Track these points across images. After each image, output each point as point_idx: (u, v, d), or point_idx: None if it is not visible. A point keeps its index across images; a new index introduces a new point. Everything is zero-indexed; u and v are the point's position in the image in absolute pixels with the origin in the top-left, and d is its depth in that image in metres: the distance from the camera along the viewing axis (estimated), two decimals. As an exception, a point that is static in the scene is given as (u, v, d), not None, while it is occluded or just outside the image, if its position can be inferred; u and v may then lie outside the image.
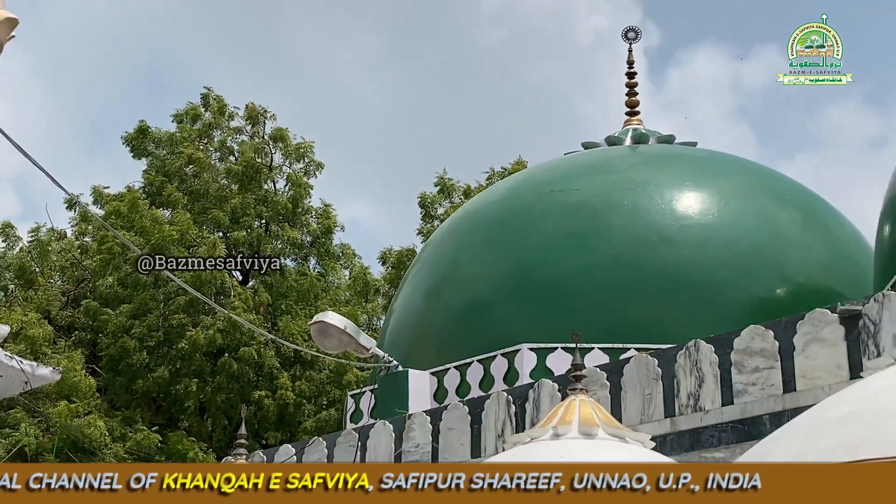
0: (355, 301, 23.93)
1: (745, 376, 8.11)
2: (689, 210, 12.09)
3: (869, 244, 12.06)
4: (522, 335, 11.35)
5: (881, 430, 4.40)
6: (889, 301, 7.51)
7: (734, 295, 11.20)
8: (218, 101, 23.99)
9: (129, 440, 19.54)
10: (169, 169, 23.18)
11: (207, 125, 23.87)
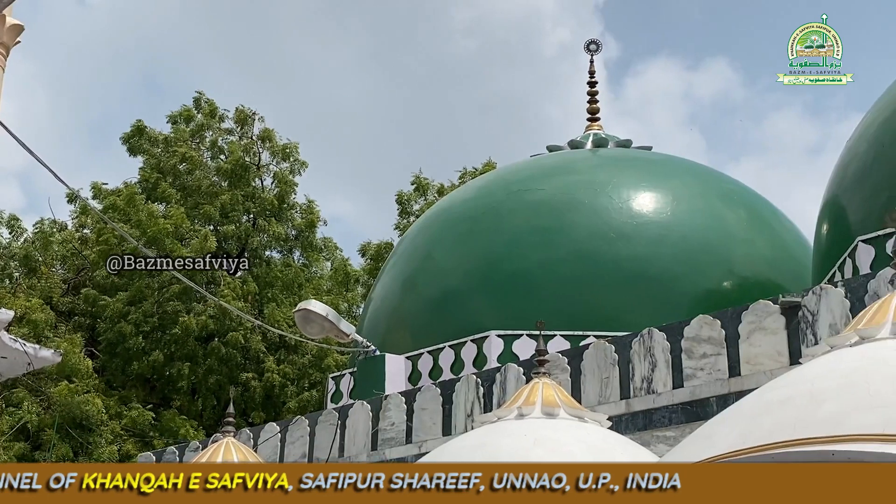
0: (336, 290, 23.95)
1: (695, 362, 8.14)
2: (645, 209, 12.14)
3: (808, 242, 12.15)
4: (491, 323, 11.39)
5: (816, 412, 4.43)
6: (826, 294, 7.57)
7: (685, 287, 11.25)
8: (209, 104, 23.94)
9: (125, 418, 19.53)
10: (163, 166, 23.11)
11: (199, 126, 23.80)
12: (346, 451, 10.55)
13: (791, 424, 4.42)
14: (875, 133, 10.01)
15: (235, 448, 8.86)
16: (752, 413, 4.81)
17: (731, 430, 4.73)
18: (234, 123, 23.90)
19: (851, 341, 5.17)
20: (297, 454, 11.02)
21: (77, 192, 20.99)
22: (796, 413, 4.50)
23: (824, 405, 4.45)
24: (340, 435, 10.65)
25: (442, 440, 9.20)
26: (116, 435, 19.22)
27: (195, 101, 24.06)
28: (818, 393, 4.59)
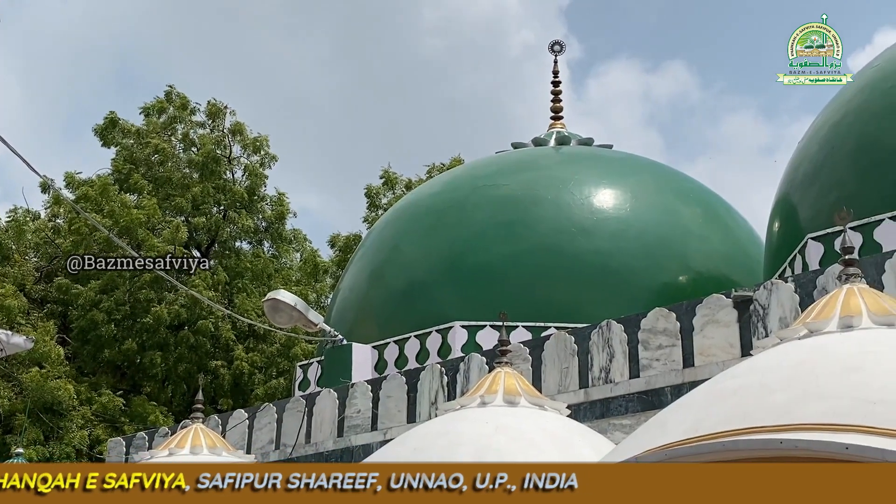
0: (305, 281, 23.88)
1: (650, 353, 8.18)
2: (605, 205, 12.19)
3: (760, 238, 12.25)
4: (455, 314, 11.40)
5: (766, 402, 4.47)
6: (777, 288, 7.64)
7: (642, 281, 11.32)
8: (181, 98, 23.77)
9: (95, 403, 19.40)
10: (136, 158, 22.92)
11: (172, 118, 23.62)
12: (313, 438, 10.54)
13: (741, 414, 4.44)
14: (826, 135, 10.11)
15: (204, 434, 8.83)
16: (704, 402, 4.83)
17: (684, 418, 4.74)
18: (205, 116, 23.76)
19: (800, 334, 5.21)
20: (264, 440, 11.00)
21: (50, 182, 20.77)
22: (746, 403, 4.52)
23: (773, 395, 4.48)
24: (307, 422, 10.64)
25: (406, 427, 9.21)
26: (87, 420, 19.09)
27: (167, 94, 23.87)
28: (767, 384, 4.61)
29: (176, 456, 8.52)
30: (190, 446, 8.64)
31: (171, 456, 8.54)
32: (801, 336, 5.20)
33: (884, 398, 4.19)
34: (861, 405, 4.18)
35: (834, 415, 4.18)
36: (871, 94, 9.74)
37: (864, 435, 4.00)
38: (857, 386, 4.33)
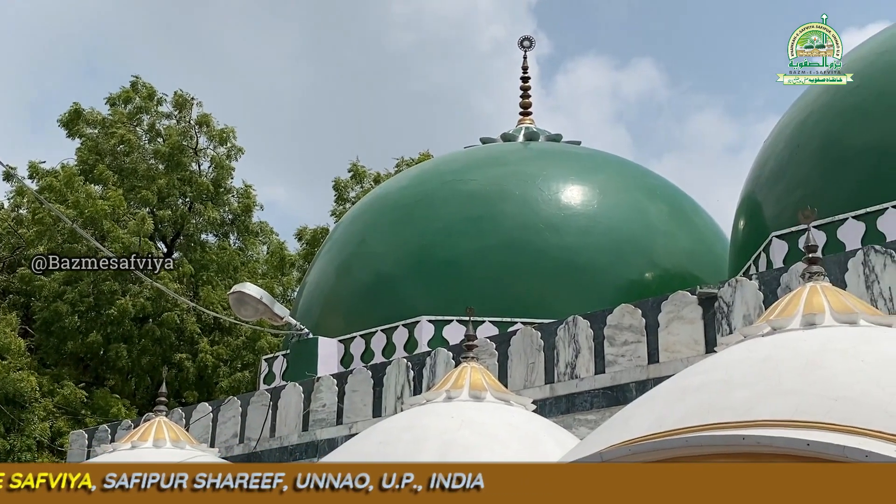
0: (272, 274, 23.79)
1: (616, 349, 8.20)
2: (572, 201, 12.23)
3: (725, 236, 12.34)
4: (422, 308, 11.40)
5: (729, 398, 4.49)
6: (741, 286, 7.69)
7: (608, 277, 11.37)
8: (147, 88, 23.60)
9: (58, 395, 19.22)
10: (101, 148, 22.72)
11: (137, 109, 23.43)
12: (278, 432, 10.50)
13: (705, 410, 4.47)
14: (791, 134, 10.19)
15: (167, 427, 8.78)
16: (668, 398, 4.85)
17: (648, 414, 4.76)
18: (172, 107, 23.58)
19: (764, 331, 5.25)
20: (228, 434, 10.94)
21: (13, 171, 20.57)
22: (710, 399, 4.55)
23: (736, 392, 4.51)
24: (272, 416, 10.60)
25: (372, 421, 9.21)
26: (49, 412, 18.92)
27: (133, 84, 23.69)
28: (731, 380, 4.64)
29: (139, 449, 8.46)
30: (153, 439, 8.60)
31: (134, 449, 8.48)
32: (764, 333, 5.23)
33: (845, 395, 4.23)
34: (822, 402, 4.21)
35: (796, 411, 4.20)
36: (836, 93, 9.81)
37: (825, 432, 4.04)
38: (818, 383, 4.37)
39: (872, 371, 4.40)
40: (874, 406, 4.13)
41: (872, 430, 4.00)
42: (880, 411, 4.09)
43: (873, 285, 6.98)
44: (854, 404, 4.16)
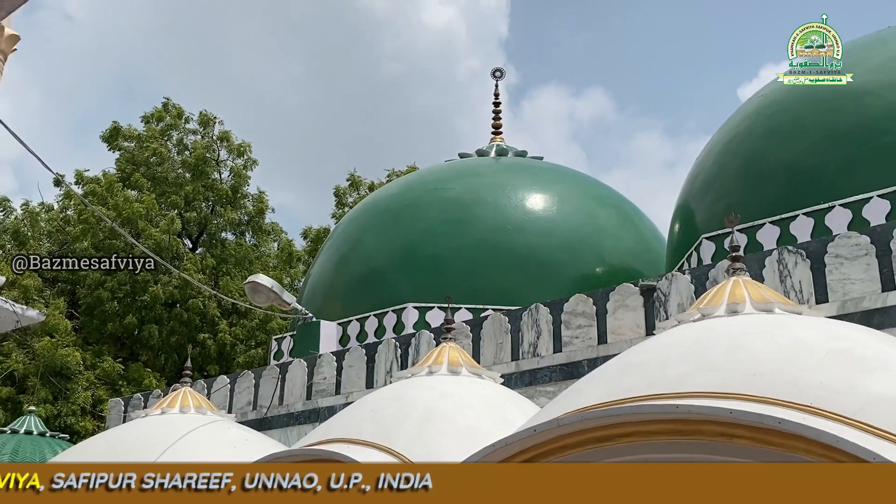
0: (281, 267, 23.71)
1: (571, 331, 8.21)
2: (535, 207, 12.22)
3: (663, 237, 12.36)
4: (408, 297, 11.38)
5: (665, 374, 4.50)
6: (676, 279, 7.71)
7: (565, 271, 11.36)
8: (176, 108, 23.48)
9: (98, 369, 19.12)
10: (137, 159, 22.60)
11: (168, 126, 23.31)
12: (285, 401, 10.47)
13: (645, 383, 4.48)
14: (719, 152, 10.21)
15: (191, 396, 8.72)
16: (614, 373, 4.86)
17: (597, 386, 4.77)
18: (197, 125, 23.47)
19: (694, 318, 5.27)
20: (243, 402, 10.90)
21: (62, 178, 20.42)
22: (649, 374, 4.56)
23: (671, 368, 4.52)
24: (281, 387, 10.56)
25: (365, 392, 9.18)
26: (90, 383, 18.81)
27: (164, 105, 23.56)
28: (667, 359, 4.66)
29: (167, 414, 8.40)
30: (179, 406, 8.54)
31: (164, 414, 8.42)
32: (695, 319, 5.25)
33: (762, 371, 4.24)
34: (743, 377, 4.23)
35: (721, 385, 4.22)
36: (757, 119, 9.84)
37: (745, 402, 4.05)
38: (740, 361, 4.38)
39: (785, 351, 4.41)
40: (786, 381, 4.15)
41: (785, 400, 4.02)
42: (791, 385, 4.11)
43: (786, 279, 7.02)
44: (769, 379, 4.18)
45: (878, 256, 6.61)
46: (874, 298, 6.50)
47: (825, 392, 4.02)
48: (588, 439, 4.37)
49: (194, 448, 7.47)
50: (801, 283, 6.93)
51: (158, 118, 23.26)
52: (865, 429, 3.81)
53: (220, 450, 7.48)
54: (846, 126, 8.71)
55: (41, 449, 12.46)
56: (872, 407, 3.92)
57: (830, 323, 5.03)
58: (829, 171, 8.62)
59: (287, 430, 10.09)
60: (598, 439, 4.34)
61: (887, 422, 3.84)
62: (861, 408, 3.92)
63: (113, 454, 7.55)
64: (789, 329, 4.75)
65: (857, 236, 6.79)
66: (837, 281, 6.74)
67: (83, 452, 7.85)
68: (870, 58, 9.08)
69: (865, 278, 6.61)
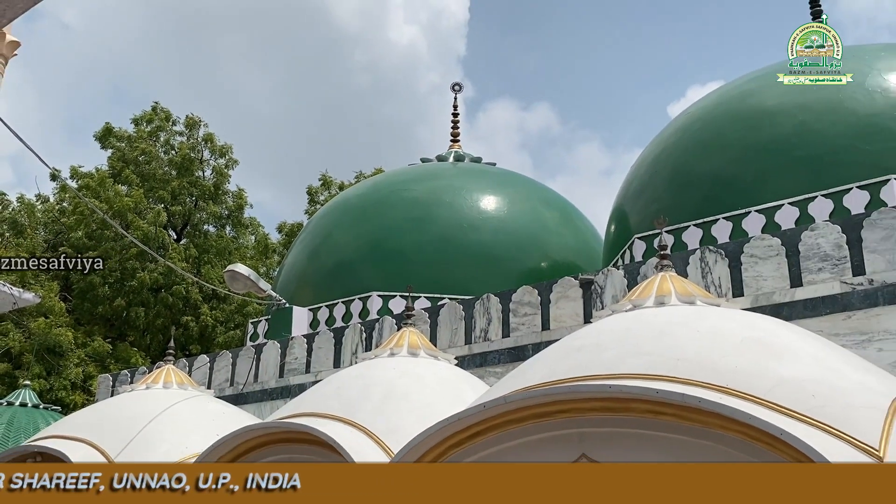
0: (258, 257, 23.47)
1: (518, 319, 8.22)
2: (489, 208, 12.23)
3: (601, 237, 12.43)
4: (374, 286, 11.33)
5: (600, 357, 4.52)
6: (611, 274, 7.75)
7: (514, 265, 11.39)
8: (165, 112, 23.12)
9: (88, 347, 18.78)
10: (127, 157, 22.21)
11: (157, 128, 22.94)
12: (260, 378, 10.37)
13: (583, 365, 4.49)
14: (650, 162, 10.29)
15: (174, 373, 8.61)
16: (556, 356, 4.86)
17: (540, 368, 4.78)
18: (183, 127, 23.12)
19: (627, 308, 5.31)
20: (221, 379, 10.77)
21: (58, 173, 20.02)
22: (586, 357, 4.57)
23: (606, 352, 4.54)
24: (256, 365, 10.46)
25: (333, 371, 9.13)
26: (81, 360, 18.46)
27: (153, 108, 23.20)
28: (602, 344, 4.67)
29: (152, 390, 8.28)
30: (163, 382, 8.42)
31: (148, 389, 8.30)
32: (627, 309, 5.28)
33: (685, 356, 4.28)
34: (668, 361, 4.26)
35: (649, 367, 4.24)
36: (684, 133, 9.92)
37: (670, 383, 4.07)
38: (666, 347, 4.41)
39: (705, 338, 4.45)
40: (705, 365, 4.18)
41: (705, 382, 4.06)
42: (710, 369, 4.15)
43: (707, 276, 7.10)
44: (691, 363, 4.21)
45: (787, 256, 6.72)
46: (783, 293, 6.61)
47: (740, 375, 4.07)
48: (531, 415, 4.37)
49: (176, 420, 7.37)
50: (720, 279, 7.01)
51: (148, 120, 22.89)
52: (774, 408, 3.87)
53: (200, 422, 7.38)
54: (762, 142, 8.83)
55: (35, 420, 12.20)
56: (781, 388, 3.98)
57: (745, 314, 5.09)
58: (746, 180, 8.73)
59: (261, 405, 10.00)
60: (540, 415, 4.35)
61: (793, 401, 3.91)
62: (771, 389, 3.97)
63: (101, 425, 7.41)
64: (709, 319, 4.79)
65: (770, 238, 6.90)
66: (752, 277, 6.84)
67: (74, 423, 7.69)
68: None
69: (776, 275, 6.72)
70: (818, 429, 3.74)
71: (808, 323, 6.15)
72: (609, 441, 4.13)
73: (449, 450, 4.54)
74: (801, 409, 3.84)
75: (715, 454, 3.87)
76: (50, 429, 7.79)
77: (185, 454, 6.75)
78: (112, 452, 6.86)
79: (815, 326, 6.10)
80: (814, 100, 8.69)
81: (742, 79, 10.26)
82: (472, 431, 4.50)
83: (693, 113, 10.27)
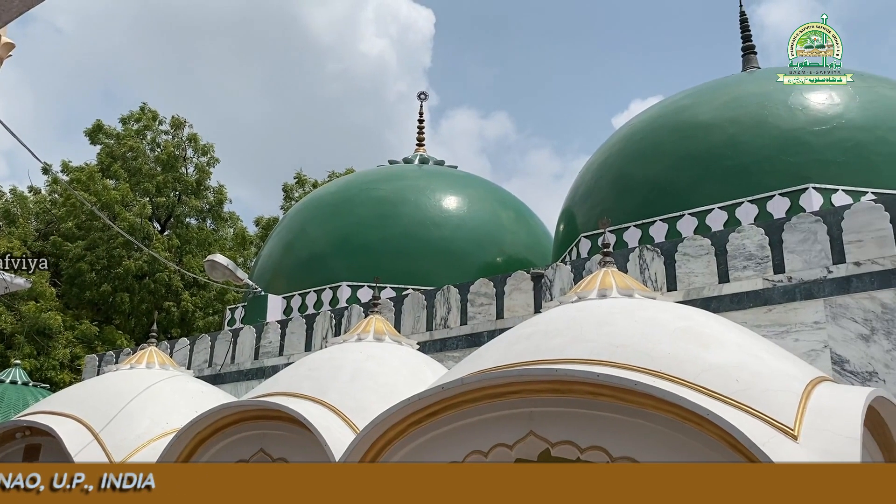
0: (236, 249, 23.19)
1: (475, 308, 8.23)
2: (450, 206, 12.22)
3: (551, 235, 12.51)
4: (343, 276, 11.27)
5: (549, 344, 4.54)
6: (559, 269, 7.80)
7: (472, 260, 11.41)
8: (151, 112, 22.70)
9: (76, 330, 18.39)
10: (115, 153, 21.76)
11: (144, 126, 22.51)
12: (237, 360, 10.25)
13: (532, 351, 4.51)
14: (596, 168, 10.36)
15: (157, 354, 8.45)
16: (509, 343, 4.87)
17: (495, 352, 4.78)
18: (169, 126, 22.73)
19: (573, 300, 5.34)
20: (200, 360, 10.63)
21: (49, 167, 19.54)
22: (536, 344, 4.59)
23: (553, 339, 4.55)
24: (233, 348, 10.34)
25: (304, 354, 9.06)
26: (69, 342, 18.07)
27: (141, 108, 22.76)
28: (550, 332, 4.68)
29: (136, 370, 8.13)
30: (146, 363, 8.26)
31: (132, 369, 8.14)
32: (573, 301, 5.31)
33: (624, 343, 4.32)
34: (609, 348, 4.29)
35: (592, 353, 4.27)
36: (626, 143, 10.00)
37: (610, 367, 4.11)
38: (607, 335, 4.44)
39: (642, 328, 4.50)
40: (642, 351, 4.23)
41: (640, 367, 4.11)
42: (646, 355, 4.20)
43: (645, 271, 7.18)
44: (629, 349, 4.25)
45: (716, 255, 6.83)
46: (712, 288, 6.71)
47: (672, 361, 4.12)
48: (485, 395, 4.38)
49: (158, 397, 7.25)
50: (657, 275, 7.09)
51: (136, 119, 22.46)
52: (702, 390, 3.92)
53: (180, 400, 7.28)
54: (696, 152, 8.95)
55: (24, 396, 11.91)
56: (708, 373, 4.04)
57: (678, 307, 5.15)
58: (681, 186, 8.84)
59: (237, 385, 9.88)
60: (493, 395, 4.36)
61: (719, 385, 3.97)
62: (699, 374, 4.03)
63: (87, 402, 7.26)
64: (646, 311, 4.84)
65: (701, 239, 7.00)
66: (684, 274, 6.93)
67: (61, 400, 7.52)
68: (717, 97, 9.35)
69: (706, 272, 6.82)
70: (741, 410, 3.80)
71: (733, 315, 6.26)
72: (555, 419, 4.15)
73: (410, 427, 4.54)
74: (726, 392, 3.90)
75: (648, 432, 3.91)
76: (39, 405, 7.60)
77: (165, 429, 6.64)
78: (97, 427, 6.73)
79: (739, 318, 6.21)
80: (742, 114, 8.83)
81: (679, 95, 10.39)
82: (431, 410, 4.50)
83: (635, 125, 10.36)
